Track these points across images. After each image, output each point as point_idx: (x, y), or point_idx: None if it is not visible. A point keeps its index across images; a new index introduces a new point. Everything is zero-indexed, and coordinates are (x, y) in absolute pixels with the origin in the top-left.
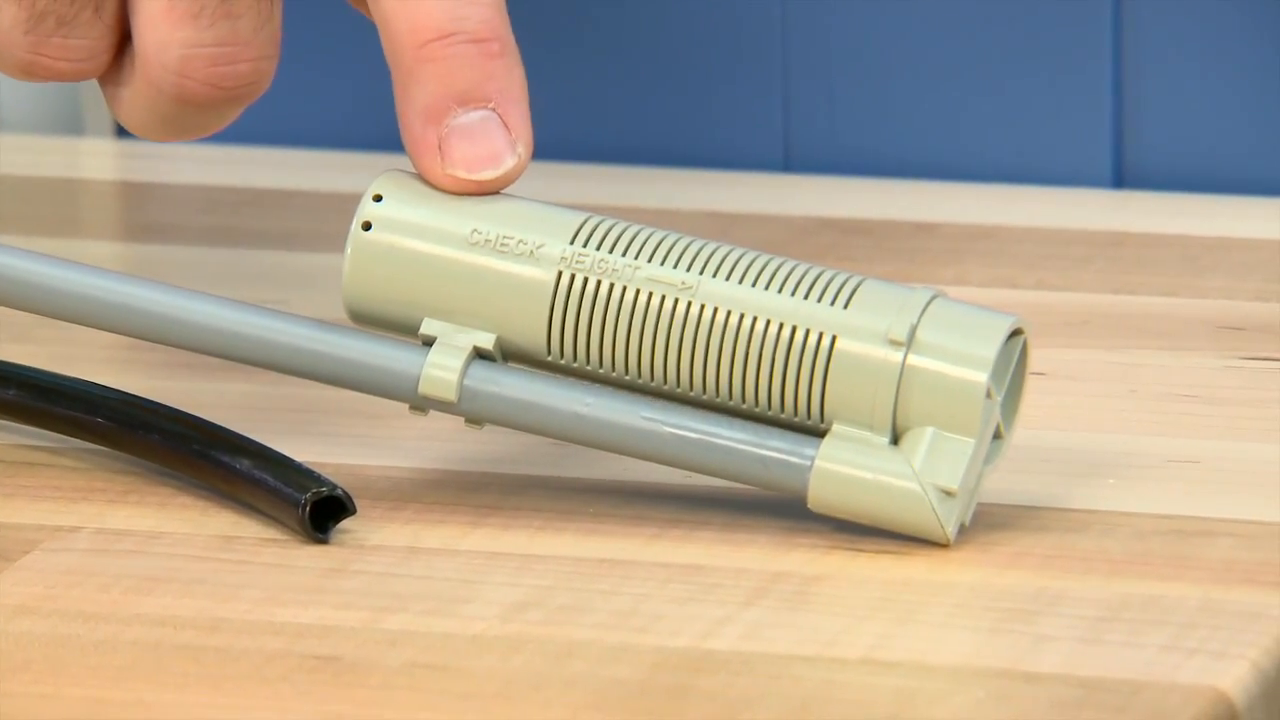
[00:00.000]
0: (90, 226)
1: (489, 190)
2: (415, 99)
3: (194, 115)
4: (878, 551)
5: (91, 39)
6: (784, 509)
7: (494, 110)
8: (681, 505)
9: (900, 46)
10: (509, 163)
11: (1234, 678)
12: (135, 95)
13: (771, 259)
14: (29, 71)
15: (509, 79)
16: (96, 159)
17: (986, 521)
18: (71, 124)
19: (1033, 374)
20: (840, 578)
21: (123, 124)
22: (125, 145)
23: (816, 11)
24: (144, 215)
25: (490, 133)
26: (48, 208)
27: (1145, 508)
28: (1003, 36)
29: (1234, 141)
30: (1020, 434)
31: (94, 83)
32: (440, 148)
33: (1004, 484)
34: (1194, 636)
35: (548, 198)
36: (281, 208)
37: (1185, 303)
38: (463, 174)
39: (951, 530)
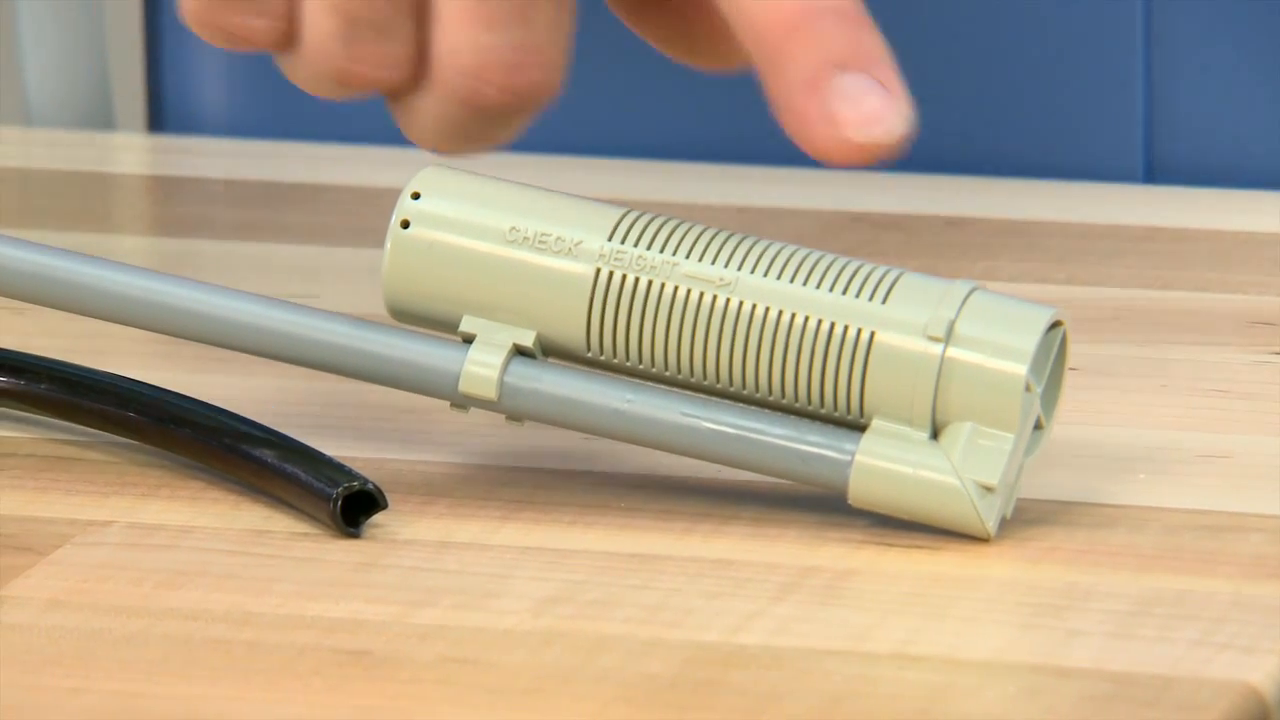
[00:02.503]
0: (121, 221)
1: (883, 157)
2: (791, 74)
3: (483, 123)
4: (908, 546)
5: (406, 45)
6: (814, 503)
7: (871, 75)
8: (712, 500)
9: (929, 40)
10: (896, 123)
11: (1264, 673)
12: (427, 103)
13: (810, 254)
14: (343, 81)
15: (876, 44)
16: (127, 154)
17: (1017, 516)
18: (102, 119)
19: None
20: (871, 573)
21: (410, 136)
22: (156, 140)
23: None
24: (175, 210)
25: (874, 94)
26: (79, 202)
27: (1176, 503)
28: (1033, 30)
29: (1265, 136)
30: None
31: (124, 75)
32: (828, 115)
33: (1035, 479)
34: (1224, 631)
35: (579, 193)
36: (312, 202)
37: (1216, 298)
38: (857, 136)
39: (993, 525)
